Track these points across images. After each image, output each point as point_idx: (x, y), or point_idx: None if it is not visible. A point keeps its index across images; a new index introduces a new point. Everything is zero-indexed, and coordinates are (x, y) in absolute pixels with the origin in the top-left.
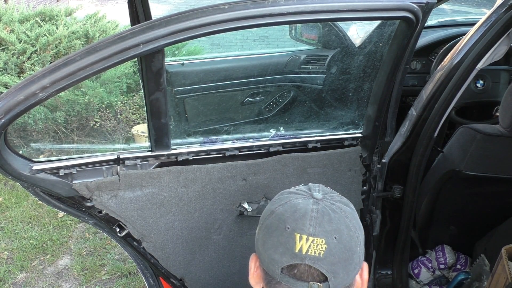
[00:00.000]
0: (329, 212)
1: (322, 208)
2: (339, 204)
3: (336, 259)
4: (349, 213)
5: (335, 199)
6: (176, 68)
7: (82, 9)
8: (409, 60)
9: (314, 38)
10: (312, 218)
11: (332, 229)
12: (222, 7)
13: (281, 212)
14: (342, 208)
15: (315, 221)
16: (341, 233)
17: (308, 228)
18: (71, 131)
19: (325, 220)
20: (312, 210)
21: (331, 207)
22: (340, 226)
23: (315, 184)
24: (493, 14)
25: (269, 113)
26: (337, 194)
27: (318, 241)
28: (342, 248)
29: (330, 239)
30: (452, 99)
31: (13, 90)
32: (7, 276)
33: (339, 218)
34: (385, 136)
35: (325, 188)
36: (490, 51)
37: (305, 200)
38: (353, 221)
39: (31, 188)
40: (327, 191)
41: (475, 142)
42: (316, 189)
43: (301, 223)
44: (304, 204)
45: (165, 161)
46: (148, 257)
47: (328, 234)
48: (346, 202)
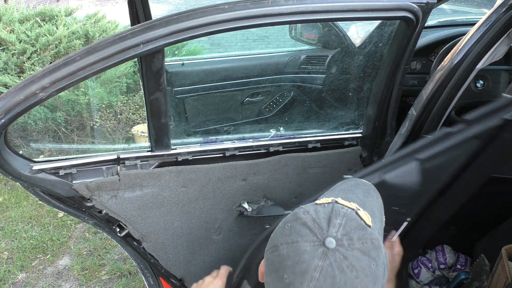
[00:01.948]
0: (334, 274)
1: (328, 266)
2: (356, 255)
3: None
4: (364, 270)
5: (353, 246)
6: (176, 68)
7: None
8: (409, 60)
9: (314, 38)
10: (312, 279)
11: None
12: (222, 7)
13: (284, 254)
14: (356, 264)
15: (315, 283)
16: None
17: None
18: (71, 131)
19: (328, 285)
20: (315, 269)
21: (340, 265)
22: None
23: (340, 211)
24: (493, 14)
25: (269, 113)
26: (359, 236)
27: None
28: None
29: None
30: (452, 99)
31: (13, 90)
32: (7, 276)
33: (345, 281)
34: (385, 136)
35: (350, 221)
36: (490, 51)
37: (313, 247)
38: (366, 279)
39: (31, 188)
40: (349, 229)
41: None
42: (337, 224)
43: (299, 281)
44: (310, 256)
45: (165, 161)
46: (148, 257)
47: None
48: (368, 248)
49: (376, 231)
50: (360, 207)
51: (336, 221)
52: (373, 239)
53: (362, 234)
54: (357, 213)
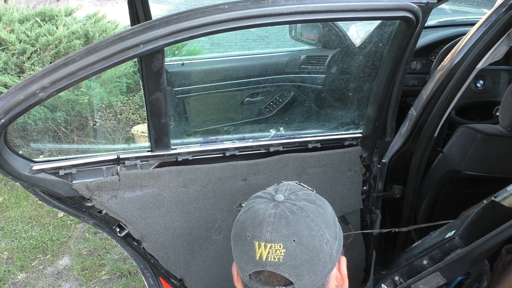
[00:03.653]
0: (287, 215)
1: (281, 211)
2: (303, 203)
3: (298, 261)
4: (313, 212)
5: (299, 198)
6: (176, 68)
7: (82, 9)
8: (409, 60)
9: (314, 38)
10: (269, 224)
11: (289, 232)
12: (222, 7)
13: (243, 220)
14: (305, 207)
15: (272, 226)
16: (300, 234)
17: (265, 234)
18: (71, 131)
19: (282, 224)
20: (269, 215)
21: (291, 209)
22: (299, 228)
23: (285, 183)
24: (493, 14)
25: (269, 113)
26: (304, 192)
27: (276, 247)
28: (303, 250)
29: (288, 243)
30: (452, 99)
31: (13, 90)
32: (7, 276)
33: (298, 219)
34: (385, 136)
35: (294, 186)
36: (490, 51)
37: (265, 204)
38: (316, 219)
39: (31, 188)
40: (293, 190)
41: (475, 142)
42: (283, 189)
43: (259, 230)
44: (263, 210)
45: (165, 161)
46: (148, 257)
47: (286, 238)
48: (313, 199)
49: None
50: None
51: (282, 188)
52: (317, 195)
53: (306, 191)
54: (298, 183)
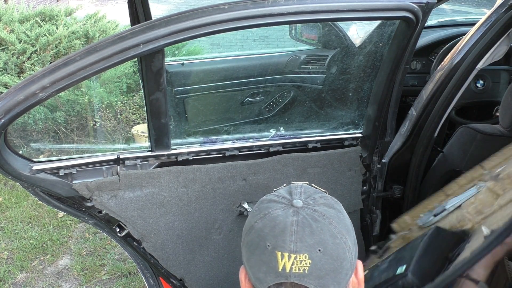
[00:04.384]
0: (310, 223)
1: (303, 219)
2: (322, 208)
3: (323, 272)
4: (334, 218)
5: (318, 202)
6: (176, 68)
7: (82, 9)
8: (409, 60)
9: (314, 38)
10: (293, 233)
11: (314, 242)
12: (222, 7)
13: (260, 227)
14: (326, 213)
15: (296, 236)
16: (326, 244)
17: (289, 244)
18: (71, 131)
19: (306, 233)
20: (291, 224)
21: (313, 216)
22: (324, 236)
23: (296, 185)
24: (493, 14)
25: (269, 113)
26: (320, 195)
27: (301, 257)
28: (328, 259)
29: (314, 253)
30: (452, 99)
31: (13, 90)
32: (7, 276)
33: (321, 227)
34: (385, 136)
35: (308, 188)
36: (490, 51)
37: (284, 210)
38: (338, 226)
39: (31, 188)
40: (309, 193)
41: (475, 142)
42: (297, 192)
43: (281, 240)
44: (283, 217)
45: (165, 161)
46: (148, 257)
47: (311, 248)
48: (331, 203)
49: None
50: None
51: (296, 191)
52: (332, 197)
53: (322, 194)
54: (311, 185)
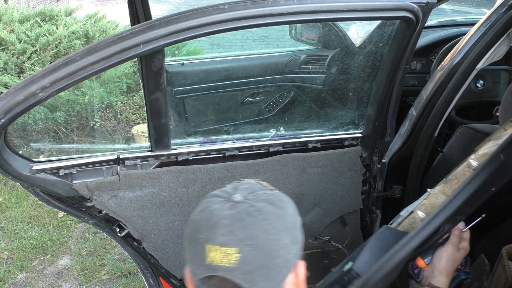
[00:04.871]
0: (243, 217)
1: (237, 213)
2: (261, 204)
3: (253, 267)
4: (271, 214)
5: (259, 198)
6: (176, 68)
7: (82, 9)
8: (409, 60)
9: (314, 38)
10: (224, 226)
11: (245, 236)
12: (222, 7)
13: (197, 220)
14: (263, 209)
15: (227, 229)
16: (257, 239)
17: (219, 237)
18: (71, 131)
19: (238, 227)
20: (225, 217)
21: (248, 210)
22: (256, 231)
23: (245, 182)
24: (493, 14)
25: (269, 113)
26: (264, 192)
27: (230, 251)
28: (259, 255)
29: (243, 247)
30: (452, 99)
31: (13, 90)
32: (7, 276)
33: (254, 222)
34: (385, 136)
35: (255, 185)
36: (490, 51)
37: (222, 204)
38: (275, 222)
39: (31, 188)
40: (254, 190)
41: (475, 142)
42: (242, 188)
43: (213, 232)
44: (219, 210)
45: (165, 161)
46: (148, 257)
47: (241, 242)
48: (273, 200)
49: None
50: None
51: (241, 187)
52: (278, 195)
53: (267, 191)
54: (260, 183)
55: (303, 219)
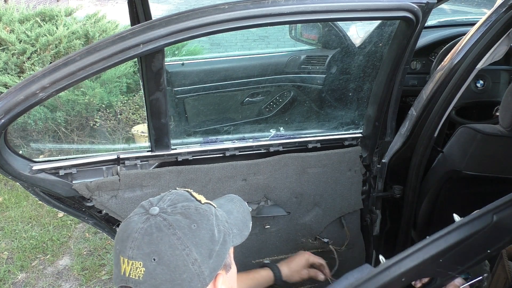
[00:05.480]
0: (152, 232)
1: (149, 227)
2: (175, 218)
3: (158, 281)
4: (183, 228)
5: (175, 211)
6: (176, 68)
7: (82, 9)
8: (409, 60)
9: (314, 38)
10: (134, 240)
11: (150, 250)
12: (222, 7)
13: (118, 231)
14: (175, 223)
15: (135, 242)
16: (162, 254)
17: (128, 251)
18: (71, 131)
19: (145, 242)
20: (136, 231)
21: (159, 225)
22: (162, 246)
23: (173, 192)
24: (493, 14)
25: (269, 113)
26: (184, 204)
27: (136, 264)
28: (164, 270)
29: (148, 262)
30: (452, 99)
31: (13, 90)
32: (7, 276)
33: (162, 237)
34: (385, 136)
35: (180, 196)
36: (490, 51)
37: (139, 217)
38: (184, 237)
39: (31, 188)
40: (177, 201)
41: (475, 142)
42: (166, 199)
43: (124, 245)
44: (135, 223)
45: (165, 161)
46: None
47: (146, 257)
48: (191, 213)
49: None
50: (214, 204)
51: (167, 197)
52: (198, 208)
53: (188, 203)
54: (190, 193)
55: (303, 219)
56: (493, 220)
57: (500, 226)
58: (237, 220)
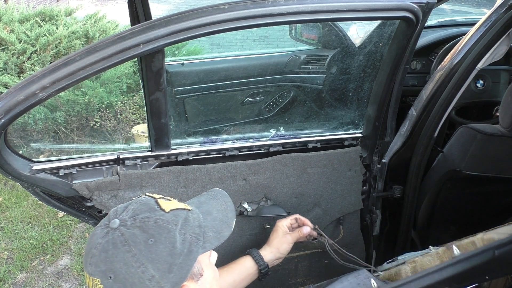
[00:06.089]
0: (108, 249)
1: (106, 242)
2: (132, 232)
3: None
4: (138, 245)
5: (135, 224)
6: (176, 68)
7: (82, 9)
8: (409, 60)
9: (314, 38)
10: (93, 256)
11: (106, 268)
12: (222, 7)
13: (87, 241)
14: (131, 239)
15: (94, 259)
16: (117, 272)
17: (88, 267)
18: (71, 131)
19: (102, 259)
20: (95, 246)
21: (115, 241)
22: (117, 264)
23: (140, 199)
24: (493, 14)
25: (269, 113)
26: (146, 216)
27: (95, 281)
28: (120, 287)
29: (105, 280)
30: (452, 99)
31: (13, 90)
32: (7, 276)
33: (117, 255)
34: (385, 136)
35: (146, 205)
36: (490, 51)
37: (101, 229)
38: (139, 254)
39: (31, 188)
40: (139, 212)
41: (475, 142)
42: (131, 208)
43: (86, 260)
44: (96, 237)
45: (165, 161)
46: None
47: (103, 274)
48: (150, 227)
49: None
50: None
51: (131, 207)
52: (159, 220)
53: (148, 215)
54: (156, 201)
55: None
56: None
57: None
58: (216, 220)
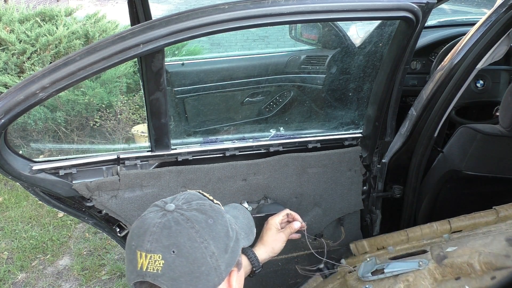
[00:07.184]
0: (170, 225)
1: (166, 221)
2: (191, 213)
3: (177, 273)
4: (200, 223)
5: (191, 208)
6: (176, 68)
7: (82, 9)
8: (409, 60)
9: (314, 38)
10: (152, 233)
11: (170, 243)
12: (222, 7)
13: (133, 228)
14: (192, 218)
15: (153, 236)
16: (181, 246)
17: (146, 244)
18: (71, 131)
19: (164, 235)
20: (154, 225)
21: (177, 219)
22: (181, 239)
23: (186, 192)
24: (493, 14)
25: (269, 113)
26: (199, 202)
27: (155, 257)
28: (183, 262)
29: (168, 254)
30: (452, 99)
31: (13, 90)
32: (7, 276)
33: (180, 230)
34: (385, 136)
35: (193, 196)
36: (490, 51)
37: (155, 213)
38: (202, 230)
39: (31, 188)
40: (190, 200)
41: (475, 142)
42: (180, 198)
43: (141, 239)
44: (151, 219)
45: (165, 161)
46: None
47: (165, 249)
48: (207, 209)
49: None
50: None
51: (180, 197)
52: (212, 205)
53: (202, 201)
54: (202, 193)
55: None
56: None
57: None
58: (243, 224)
